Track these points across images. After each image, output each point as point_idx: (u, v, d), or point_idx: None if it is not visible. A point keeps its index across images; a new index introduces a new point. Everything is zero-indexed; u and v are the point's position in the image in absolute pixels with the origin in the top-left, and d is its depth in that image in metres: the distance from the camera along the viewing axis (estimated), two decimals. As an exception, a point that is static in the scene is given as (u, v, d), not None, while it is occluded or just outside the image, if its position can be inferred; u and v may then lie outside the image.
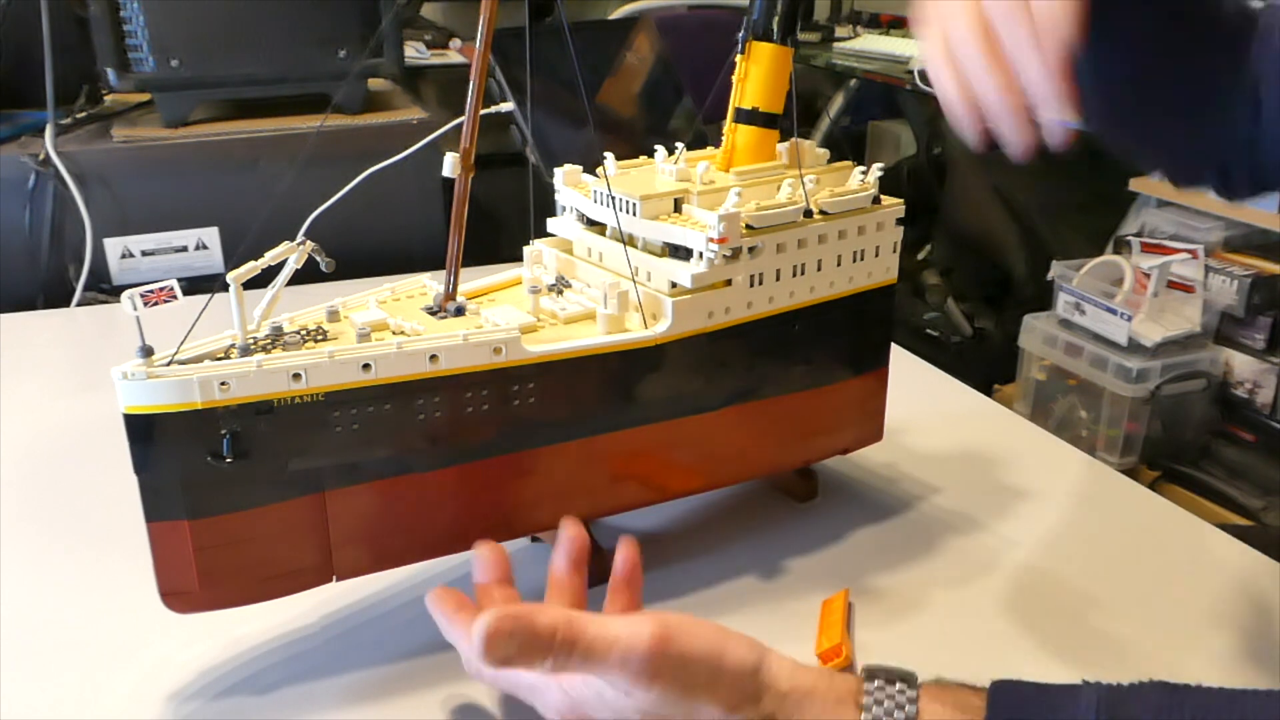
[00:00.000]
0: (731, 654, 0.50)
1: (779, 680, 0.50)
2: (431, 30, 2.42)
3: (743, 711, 0.49)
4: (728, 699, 0.49)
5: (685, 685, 0.49)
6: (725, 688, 0.49)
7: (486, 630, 0.47)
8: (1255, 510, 1.68)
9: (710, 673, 0.49)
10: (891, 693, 0.49)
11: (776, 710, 0.50)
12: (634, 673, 0.48)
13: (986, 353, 2.30)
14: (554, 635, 0.48)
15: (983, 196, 2.42)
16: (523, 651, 0.48)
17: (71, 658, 0.65)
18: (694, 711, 0.49)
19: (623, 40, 2.29)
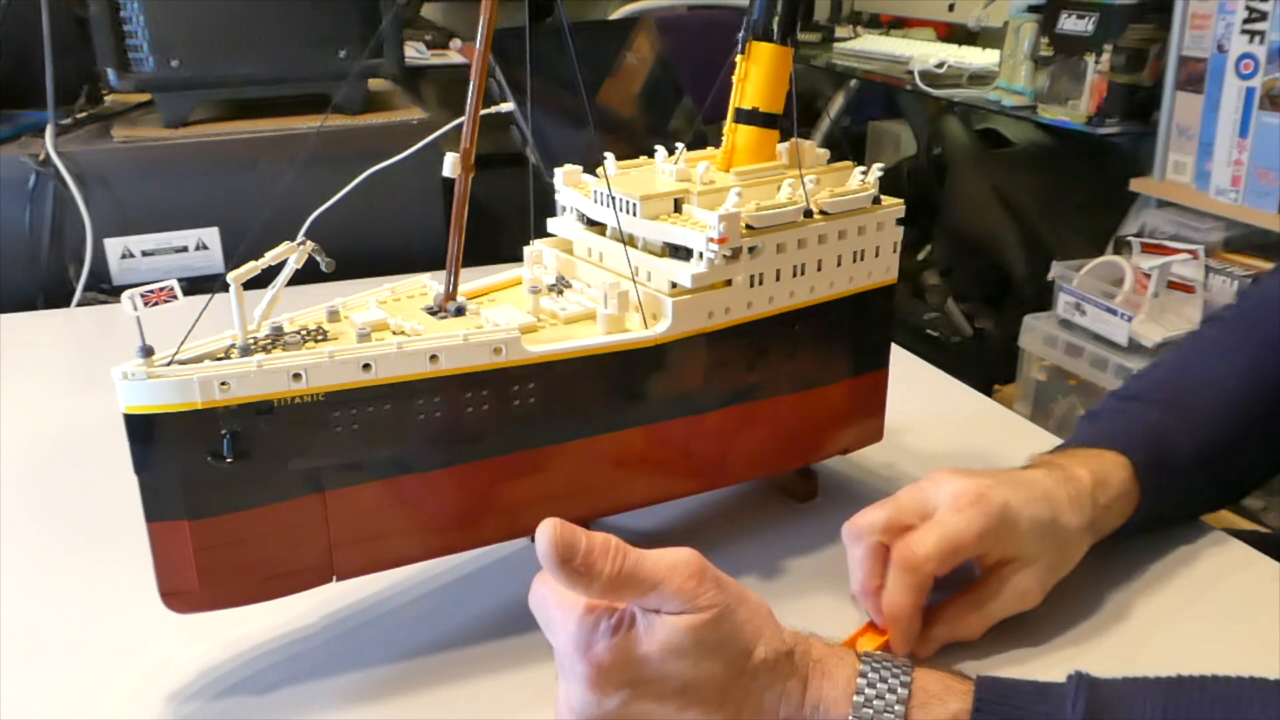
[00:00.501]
0: (750, 591, 0.54)
1: (785, 628, 0.54)
2: (431, 30, 2.42)
3: (770, 640, 0.52)
4: (756, 623, 0.52)
5: (725, 601, 0.51)
6: (753, 611, 0.52)
7: (553, 534, 0.50)
8: (1255, 510, 1.68)
9: (740, 594, 0.52)
10: (890, 665, 0.53)
11: (793, 644, 0.53)
12: (683, 581, 0.50)
13: (986, 353, 2.30)
14: (609, 543, 0.50)
15: (983, 196, 2.42)
16: (585, 558, 0.49)
17: (71, 658, 0.65)
18: (733, 636, 0.51)
19: (623, 40, 2.29)
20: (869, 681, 0.52)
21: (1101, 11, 1.90)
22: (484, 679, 0.62)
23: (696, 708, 0.51)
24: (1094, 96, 1.94)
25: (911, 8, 2.84)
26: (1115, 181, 1.97)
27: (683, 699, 0.51)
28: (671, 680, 0.50)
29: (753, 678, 0.51)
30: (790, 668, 0.52)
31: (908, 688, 0.51)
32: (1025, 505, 0.64)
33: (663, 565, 0.50)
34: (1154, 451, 0.72)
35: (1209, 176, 1.80)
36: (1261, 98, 1.70)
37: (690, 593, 0.50)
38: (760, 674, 0.52)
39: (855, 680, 0.52)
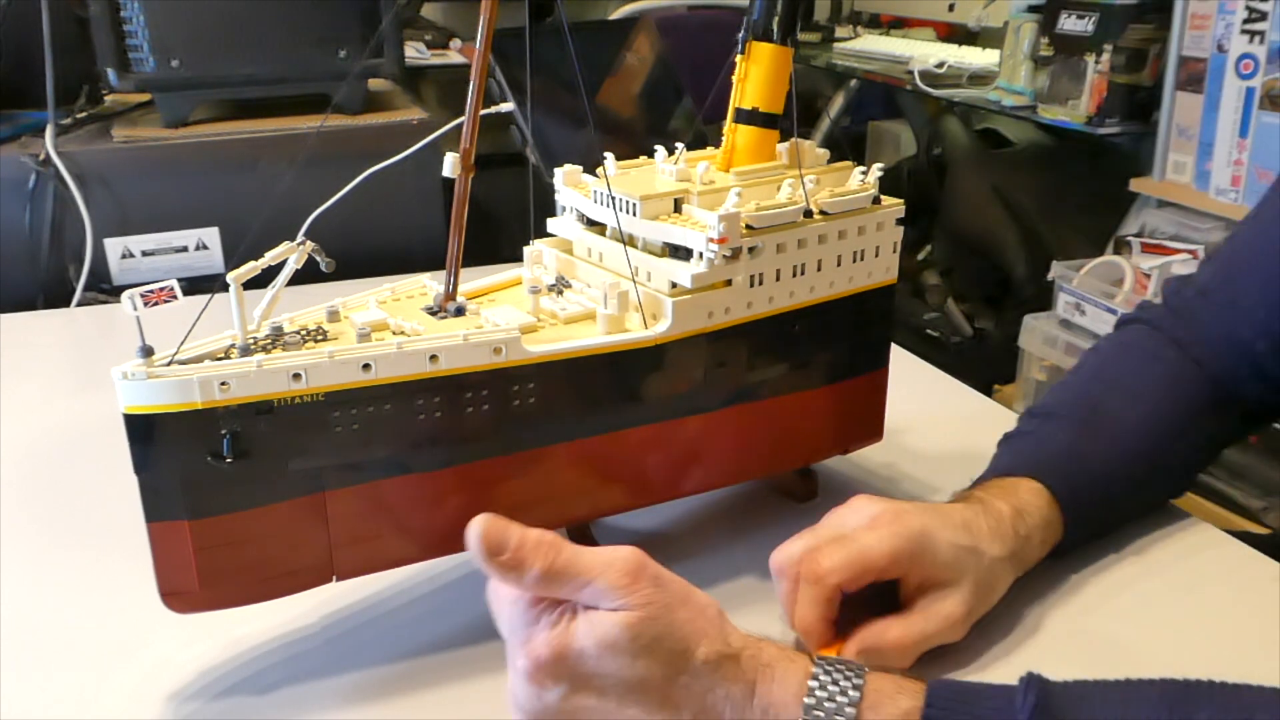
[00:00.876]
0: (697, 590, 0.53)
1: (736, 630, 0.54)
2: (431, 30, 2.42)
3: (714, 639, 0.52)
4: (699, 624, 0.51)
5: (663, 600, 0.51)
6: (696, 612, 0.52)
7: (483, 529, 0.51)
8: (1255, 511, 1.68)
9: (682, 594, 0.52)
10: (842, 667, 0.53)
11: (741, 645, 0.53)
12: (617, 576, 0.50)
13: (986, 353, 2.30)
14: (542, 538, 0.51)
15: (983, 196, 2.42)
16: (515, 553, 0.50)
17: (71, 658, 0.65)
18: (671, 636, 0.51)
19: (623, 40, 2.29)
20: (820, 684, 0.51)
21: (1101, 11, 1.90)
22: (484, 679, 0.62)
23: (635, 706, 0.50)
24: (1094, 96, 1.94)
25: (911, 8, 2.84)
26: (1115, 181, 1.97)
27: (622, 696, 0.50)
28: (609, 677, 0.50)
29: (694, 678, 0.51)
30: (736, 670, 0.52)
31: (859, 690, 0.51)
32: (944, 530, 0.64)
33: (598, 562, 0.50)
34: (1072, 476, 0.72)
35: (1209, 176, 1.80)
36: (1261, 98, 1.70)
37: (624, 589, 0.50)
38: (702, 675, 0.51)
39: (807, 683, 0.51)
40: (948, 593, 0.63)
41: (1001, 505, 0.68)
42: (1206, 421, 0.77)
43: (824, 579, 0.61)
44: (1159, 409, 0.76)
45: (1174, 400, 0.77)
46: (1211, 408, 0.77)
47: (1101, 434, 0.75)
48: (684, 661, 0.51)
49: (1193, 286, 0.81)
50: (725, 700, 0.51)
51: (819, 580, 0.61)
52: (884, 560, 0.62)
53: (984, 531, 0.65)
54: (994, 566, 0.65)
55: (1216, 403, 0.77)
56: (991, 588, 0.65)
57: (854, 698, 0.50)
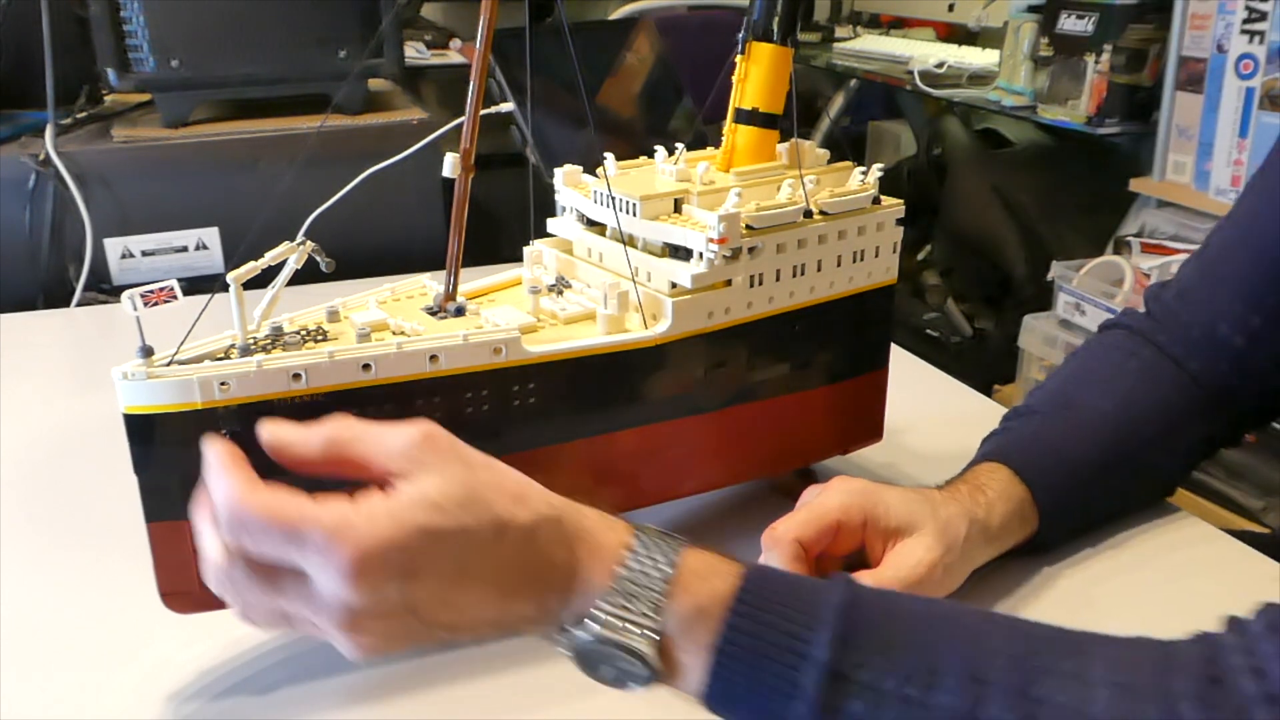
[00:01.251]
0: (499, 462, 0.51)
1: (551, 494, 0.52)
2: (431, 30, 2.42)
3: (531, 502, 0.50)
4: (510, 488, 0.49)
5: (464, 465, 0.49)
6: (503, 475, 0.50)
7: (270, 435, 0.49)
8: (1255, 511, 1.68)
9: (486, 460, 0.50)
10: (659, 534, 0.51)
11: (562, 509, 0.51)
12: (409, 445, 0.48)
13: (986, 353, 2.30)
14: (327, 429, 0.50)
15: (983, 196, 2.42)
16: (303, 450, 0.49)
17: (71, 658, 0.65)
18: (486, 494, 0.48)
19: (623, 40, 2.29)
20: (636, 556, 0.50)
21: (1101, 11, 1.90)
22: (484, 679, 0.62)
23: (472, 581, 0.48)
24: (1094, 96, 1.94)
25: (911, 8, 2.84)
26: (1115, 181, 1.97)
27: (457, 576, 0.48)
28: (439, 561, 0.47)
29: (518, 547, 0.49)
30: (556, 534, 0.50)
31: (674, 566, 0.49)
32: (892, 489, 0.67)
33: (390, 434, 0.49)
34: (1037, 458, 0.73)
35: (1209, 176, 1.80)
36: (1261, 98, 1.70)
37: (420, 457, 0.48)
38: (524, 543, 0.49)
39: (621, 552, 0.50)
40: (911, 540, 0.65)
41: (958, 485, 0.71)
42: (1190, 418, 0.77)
43: (781, 538, 0.64)
44: (1131, 397, 0.77)
45: (1148, 391, 0.77)
46: (1196, 406, 0.77)
47: (1069, 422, 0.76)
48: (503, 524, 0.48)
49: (1171, 289, 0.82)
50: (545, 565, 0.49)
51: (778, 541, 0.64)
52: (835, 510, 0.65)
53: (935, 494, 0.69)
54: (951, 517, 0.67)
55: (1201, 402, 0.77)
56: (955, 536, 0.66)
57: (667, 573, 0.49)
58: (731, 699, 0.48)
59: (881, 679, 0.46)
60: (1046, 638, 0.49)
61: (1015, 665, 0.46)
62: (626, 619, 0.48)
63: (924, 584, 0.64)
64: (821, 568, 0.65)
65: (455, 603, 0.49)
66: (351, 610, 0.47)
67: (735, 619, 0.48)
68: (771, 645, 0.48)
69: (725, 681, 0.48)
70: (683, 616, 0.48)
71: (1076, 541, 0.75)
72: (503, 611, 0.49)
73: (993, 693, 0.46)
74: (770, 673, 0.47)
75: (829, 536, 0.65)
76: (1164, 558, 0.75)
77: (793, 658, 0.47)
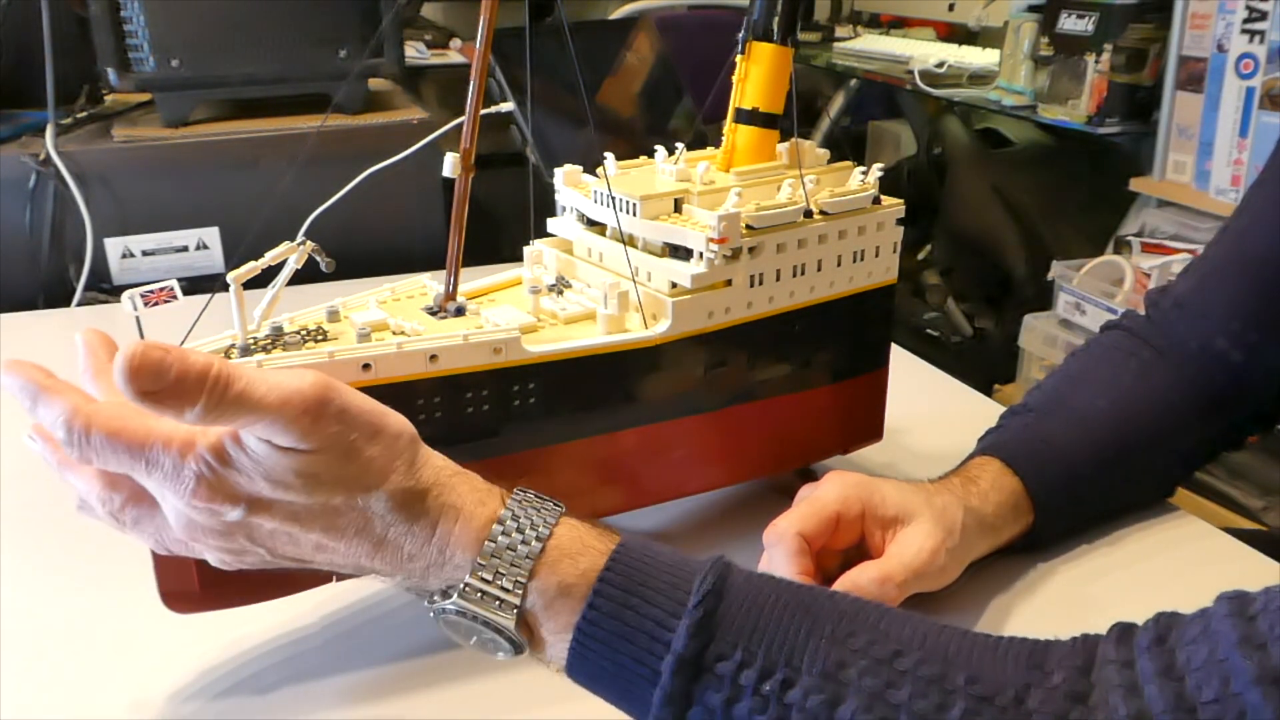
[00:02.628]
0: (392, 417, 0.49)
1: (434, 456, 0.51)
2: (431, 30, 2.42)
3: (398, 476, 0.49)
4: (383, 461, 0.48)
5: (345, 439, 0.47)
6: (381, 448, 0.48)
7: (132, 356, 0.43)
8: (1255, 510, 1.68)
9: (371, 429, 0.48)
10: (538, 505, 0.51)
11: (432, 483, 0.50)
12: (297, 413, 0.45)
13: (986, 353, 2.30)
14: (208, 369, 0.44)
15: (983, 196, 2.42)
16: (173, 386, 0.43)
17: (71, 658, 0.65)
18: (350, 471, 0.48)
19: (623, 40, 2.29)
20: (505, 530, 0.49)
21: (1101, 11, 1.90)
22: (484, 679, 0.62)
23: (316, 532, 0.48)
24: (1094, 96, 1.94)
25: (911, 8, 2.84)
26: (1115, 181, 1.97)
27: (300, 524, 0.48)
28: (285, 506, 0.48)
29: (376, 515, 0.49)
30: (420, 508, 0.49)
31: (543, 543, 0.49)
32: (887, 481, 0.68)
33: (273, 398, 0.45)
34: (1030, 451, 0.73)
35: (1209, 176, 1.80)
36: (1261, 97, 1.70)
37: (303, 431, 0.46)
38: (383, 514, 0.49)
39: (490, 528, 0.49)
40: (911, 528, 0.66)
41: (951, 478, 0.71)
42: (1189, 421, 0.78)
43: (784, 533, 0.64)
44: (1127, 397, 0.77)
45: (1146, 391, 0.78)
46: (1194, 409, 0.78)
47: (1063, 419, 0.76)
48: (363, 500, 0.48)
49: (1170, 297, 0.82)
50: (405, 536, 0.49)
51: (781, 536, 0.64)
52: (833, 503, 0.66)
53: (929, 485, 0.69)
54: (946, 505, 0.67)
55: (1200, 406, 0.78)
56: (952, 521, 0.66)
57: (534, 549, 0.49)
58: (592, 677, 0.49)
59: (739, 673, 0.46)
60: (914, 640, 0.47)
61: (876, 668, 0.46)
62: (488, 593, 0.48)
63: (928, 570, 0.64)
64: (821, 563, 0.66)
65: (296, 539, 0.49)
66: (190, 522, 0.48)
67: (598, 598, 0.48)
68: (632, 629, 0.47)
69: (585, 660, 0.48)
70: (546, 594, 0.48)
71: (1073, 538, 0.75)
72: (350, 562, 0.50)
73: (849, 694, 0.45)
74: (629, 656, 0.47)
75: (829, 529, 0.65)
76: (1161, 555, 0.75)
77: (652, 642, 0.47)
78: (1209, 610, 0.45)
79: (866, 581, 0.63)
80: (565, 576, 0.49)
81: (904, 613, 0.50)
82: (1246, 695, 0.40)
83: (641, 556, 0.50)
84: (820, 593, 0.51)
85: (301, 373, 0.46)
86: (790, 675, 0.46)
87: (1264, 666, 0.41)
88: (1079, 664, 0.46)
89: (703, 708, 0.46)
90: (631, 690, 0.48)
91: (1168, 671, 0.43)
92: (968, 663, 0.47)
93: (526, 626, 0.49)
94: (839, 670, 0.46)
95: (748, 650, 0.47)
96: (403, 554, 0.49)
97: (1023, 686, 0.45)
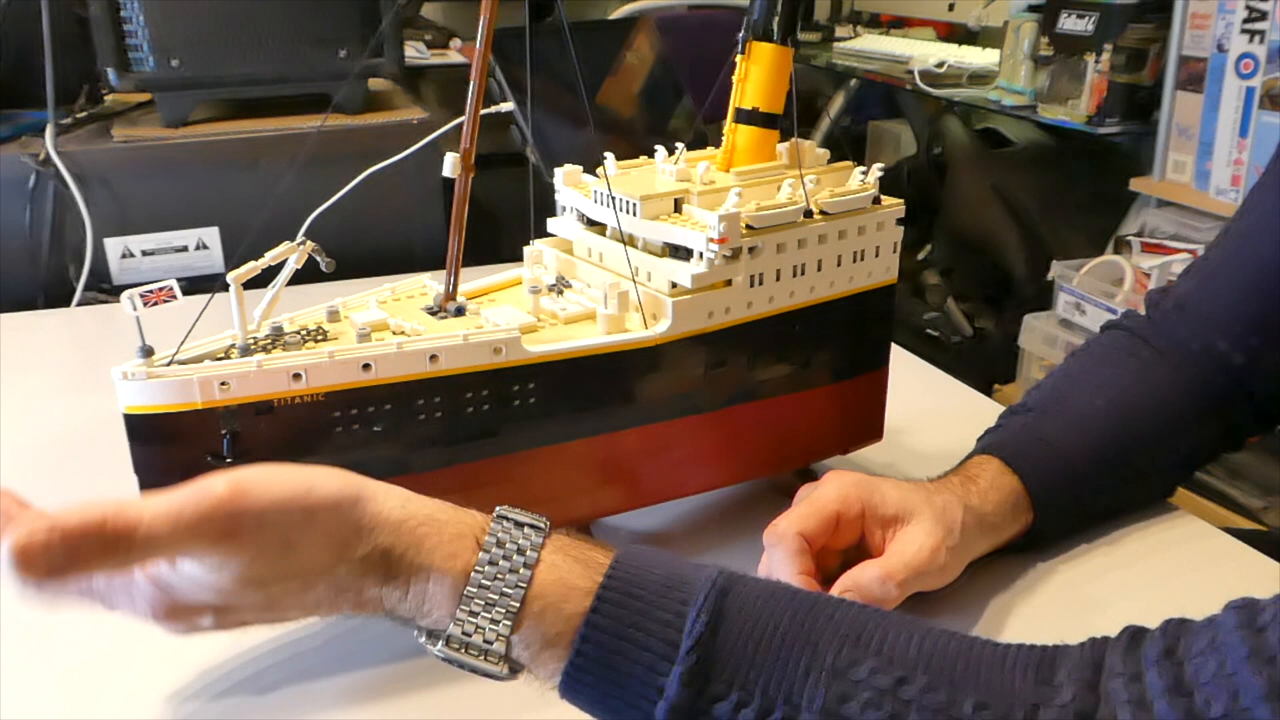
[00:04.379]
0: (320, 490, 0.46)
1: (389, 510, 0.47)
2: (431, 30, 2.42)
3: (352, 549, 0.46)
4: (329, 541, 0.46)
5: (277, 538, 0.45)
6: (322, 529, 0.46)
7: (16, 544, 0.40)
8: (1255, 510, 1.68)
9: (302, 515, 0.45)
10: (516, 535, 0.48)
11: (393, 543, 0.47)
12: (214, 537, 0.43)
13: (986, 353, 2.30)
14: (103, 527, 0.41)
15: (983, 196, 2.42)
16: (72, 559, 0.41)
17: (71, 658, 0.65)
18: (296, 563, 0.45)
19: (623, 40, 2.29)
20: (483, 577, 0.47)
21: (1101, 11, 1.90)
22: (484, 679, 0.62)
23: (295, 610, 0.48)
24: (1094, 96, 1.94)
25: (911, 8, 2.84)
26: (1115, 181, 1.97)
27: (273, 613, 0.48)
28: (251, 603, 0.46)
29: (341, 589, 0.47)
30: (389, 572, 0.47)
31: (522, 593, 0.47)
32: (886, 480, 0.68)
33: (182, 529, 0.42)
34: (1029, 450, 0.73)
35: (1209, 176, 1.80)
36: (1261, 97, 1.70)
37: (227, 550, 0.44)
38: (349, 585, 0.47)
39: (465, 584, 0.47)
40: (911, 527, 0.65)
41: (950, 477, 0.71)
42: (1188, 421, 0.78)
43: (785, 534, 0.64)
44: (1126, 396, 0.77)
45: (1145, 392, 0.77)
46: (1194, 410, 0.78)
47: (1062, 417, 0.76)
48: (325, 577, 0.46)
49: (1171, 298, 0.82)
50: (381, 594, 0.47)
51: (782, 537, 0.64)
52: (834, 502, 0.65)
53: (928, 484, 0.69)
54: (946, 503, 0.67)
55: (1200, 407, 0.78)
56: (952, 520, 0.66)
57: (514, 602, 0.46)
58: (587, 708, 0.49)
59: (736, 713, 0.45)
60: (919, 662, 0.46)
61: (879, 700, 0.45)
62: (472, 644, 0.47)
63: (929, 569, 0.64)
64: (822, 562, 0.65)
65: (275, 617, 0.48)
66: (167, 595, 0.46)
67: (585, 645, 0.47)
68: (622, 675, 0.47)
69: (578, 696, 0.48)
70: (531, 646, 0.47)
71: (1073, 538, 0.75)
72: (336, 613, 0.49)
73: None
74: (621, 701, 0.47)
75: (830, 529, 0.65)
76: (1161, 555, 0.75)
77: (645, 688, 0.46)
78: (1217, 620, 0.44)
79: (868, 580, 0.63)
80: (549, 627, 0.47)
81: (909, 623, 0.49)
82: (1255, 711, 0.40)
83: (630, 589, 0.48)
84: (821, 612, 0.48)
85: (208, 486, 0.44)
86: (789, 713, 0.45)
87: (1273, 682, 0.40)
88: (1088, 676, 0.46)
89: None
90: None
91: (1176, 687, 0.43)
92: (974, 683, 0.46)
93: (515, 667, 0.49)
94: (840, 705, 0.45)
95: (744, 689, 0.46)
96: (384, 607, 0.48)
97: (1031, 708, 0.45)
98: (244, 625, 0.49)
